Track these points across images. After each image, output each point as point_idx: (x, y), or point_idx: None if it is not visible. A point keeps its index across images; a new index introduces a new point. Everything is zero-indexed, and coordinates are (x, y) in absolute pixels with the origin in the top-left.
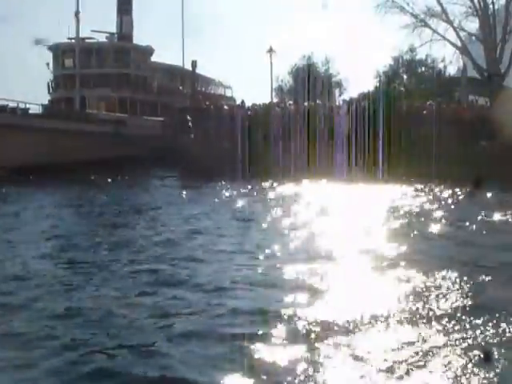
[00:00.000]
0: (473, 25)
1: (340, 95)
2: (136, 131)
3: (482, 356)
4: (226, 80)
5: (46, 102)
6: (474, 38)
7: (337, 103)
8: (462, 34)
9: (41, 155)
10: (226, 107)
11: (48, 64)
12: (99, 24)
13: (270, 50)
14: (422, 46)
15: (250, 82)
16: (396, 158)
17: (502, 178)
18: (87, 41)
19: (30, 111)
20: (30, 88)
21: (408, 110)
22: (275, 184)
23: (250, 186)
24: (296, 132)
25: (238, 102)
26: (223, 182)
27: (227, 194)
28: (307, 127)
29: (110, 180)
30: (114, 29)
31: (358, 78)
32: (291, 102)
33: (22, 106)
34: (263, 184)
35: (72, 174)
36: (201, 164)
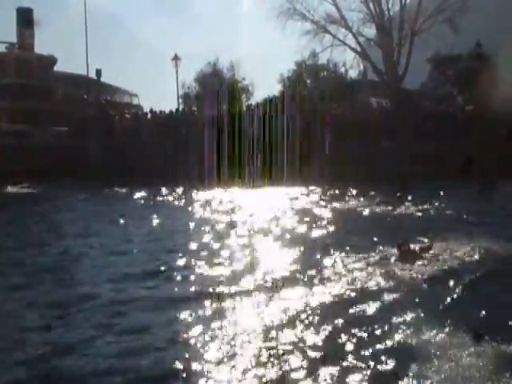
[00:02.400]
0: (371, 30)
1: (247, 100)
2: (40, 142)
3: (472, 336)
4: (132, 88)
5: None
6: (372, 42)
7: (244, 108)
8: (360, 39)
9: None
10: (127, 116)
11: None
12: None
13: (175, 58)
14: (323, 52)
15: (157, 89)
16: (296, 161)
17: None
18: None
19: None
20: None
21: (309, 114)
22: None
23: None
24: (202, 139)
25: (146, 109)
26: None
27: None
28: (214, 134)
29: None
30: (14, 39)
31: (264, 83)
32: (195, 109)
33: None
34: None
35: None
36: (102, 173)
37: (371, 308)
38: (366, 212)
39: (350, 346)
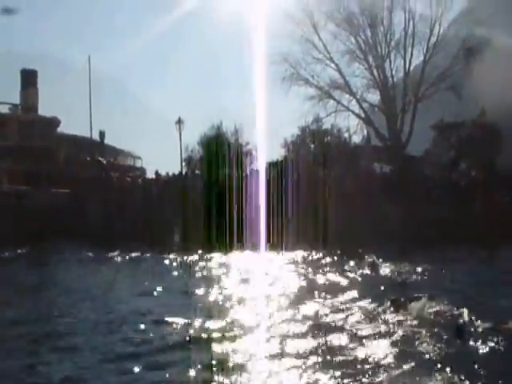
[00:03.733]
0: (374, 96)
1: (250, 164)
2: (40, 204)
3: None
4: (135, 151)
5: None
6: (376, 108)
7: (247, 173)
8: (364, 105)
9: None
10: (128, 179)
11: None
12: (2, 96)
13: (179, 121)
14: (327, 117)
15: (160, 152)
16: (299, 225)
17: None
18: None
19: None
20: None
21: (313, 179)
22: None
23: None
24: (204, 203)
25: (149, 172)
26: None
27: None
28: (216, 197)
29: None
30: (18, 101)
31: (267, 147)
32: (198, 173)
33: None
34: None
35: None
36: (102, 236)
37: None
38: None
39: None
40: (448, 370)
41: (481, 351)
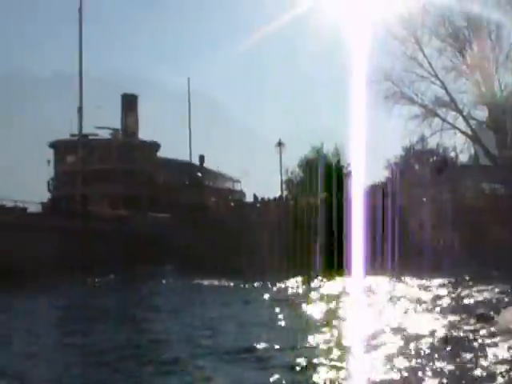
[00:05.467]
0: (482, 113)
1: (352, 186)
2: (141, 228)
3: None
4: (234, 174)
5: (45, 201)
6: (484, 126)
7: (348, 195)
8: (471, 122)
9: (38, 254)
10: (232, 204)
11: (49, 161)
12: (103, 120)
13: (279, 144)
14: (432, 136)
15: (259, 175)
16: (407, 251)
17: None
18: (90, 137)
19: (29, 210)
20: (29, 186)
21: (413, 201)
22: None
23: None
24: (305, 227)
25: (248, 195)
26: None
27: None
28: (318, 222)
29: (113, 281)
30: (118, 125)
31: (368, 168)
32: (298, 196)
33: (20, 205)
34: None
35: (74, 275)
36: (206, 263)
37: None
38: None
39: None
40: None
41: None
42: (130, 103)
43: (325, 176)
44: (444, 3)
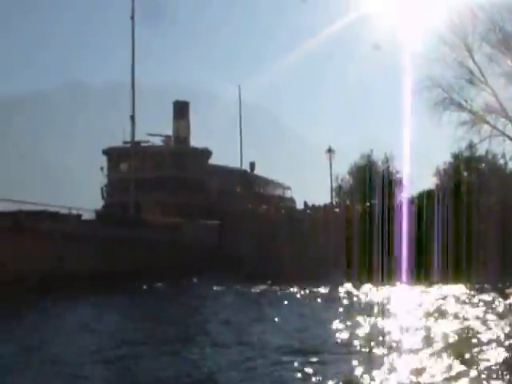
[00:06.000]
0: None
1: (401, 193)
2: (192, 236)
3: None
4: (284, 181)
5: (99, 208)
6: None
7: (397, 202)
8: None
9: (92, 263)
10: (283, 211)
11: (102, 168)
12: (155, 127)
13: (329, 150)
14: (481, 143)
15: (309, 182)
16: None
17: None
18: (143, 144)
19: (83, 218)
20: (82, 194)
21: (470, 209)
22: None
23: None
24: (358, 234)
25: (299, 203)
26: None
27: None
28: (368, 229)
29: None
30: (170, 132)
31: (417, 175)
32: (349, 203)
33: (74, 212)
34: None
35: (124, 284)
36: (258, 271)
37: None
38: None
39: None
40: None
41: None
42: (181, 110)
43: (374, 183)
44: (495, 9)
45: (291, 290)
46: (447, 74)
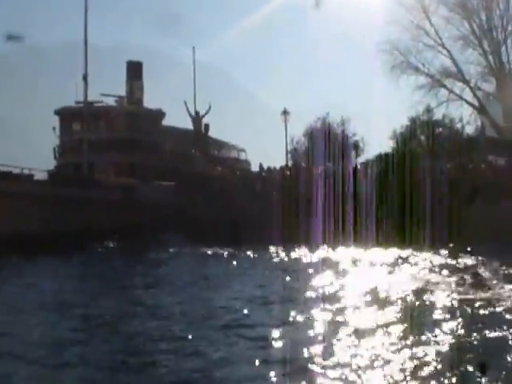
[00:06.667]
0: (489, 84)
1: (357, 157)
2: (146, 197)
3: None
4: (240, 143)
5: (52, 168)
6: (491, 97)
7: (353, 165)
8: (478, 93)
9: (45, 223)
10: (237, 173)
11: (54, 129)
12: (108, 88)
13: (285, 112)
14: (438, 106)
15: (264, 144)
16: (413, 221)
17: None
18: (96, 104)
19: (35, 178)
20: (34, 154)
21: (425, 173)
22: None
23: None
24: (312, 196)
25: (253, 164)
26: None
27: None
28: (324, 191)
29: (118, 249)
30: (124, 93)
31: (373, 138)
32: (304, 165)
33: (26, 172)
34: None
35: (78, 244)
36: (213, 232)
37: None
38: None
39: None
40: None
41: None
42: (135, 70)
43: (330, 146)
44: None
45: (244, 250)
46: (404, 37)
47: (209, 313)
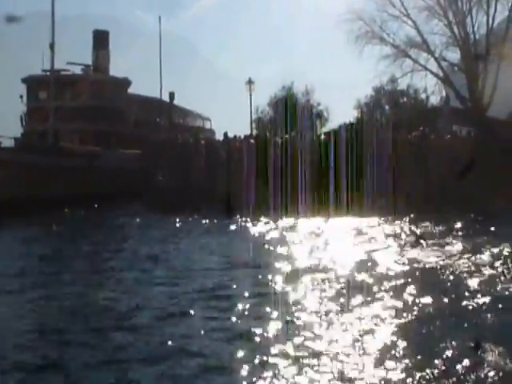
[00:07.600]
0: (454, 55)
1: (322, 127)
2: (111, 165)
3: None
4: (205, 112)
5: (19, 136)
6: (455, 68)
7: (317, 135)
8: (443, 64)
9: (11, 190)
10: (202, 142)
11: (21, 96)
12: (75, 57)
13: (249, 82)
14: (403, 77)
15: (229, 113)
16: (375, 190)
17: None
18: (62, 73)
19: (2, 145)
20: (2, 121)
21: (382, 142)
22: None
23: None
24: (275, 166)
25: (218, 134)
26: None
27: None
28: (286, 160)
29: (81, 216)
30: (90, 62)
31: (338, 108)
32: (268, 135)
33: None
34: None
35: (43, 210)
36: (175, 199)
37: None
38: None
39: None
40: None
41: None
42: (101, 39)
43: (294, 115)
44: None
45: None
46: (369, 7)
47: None
